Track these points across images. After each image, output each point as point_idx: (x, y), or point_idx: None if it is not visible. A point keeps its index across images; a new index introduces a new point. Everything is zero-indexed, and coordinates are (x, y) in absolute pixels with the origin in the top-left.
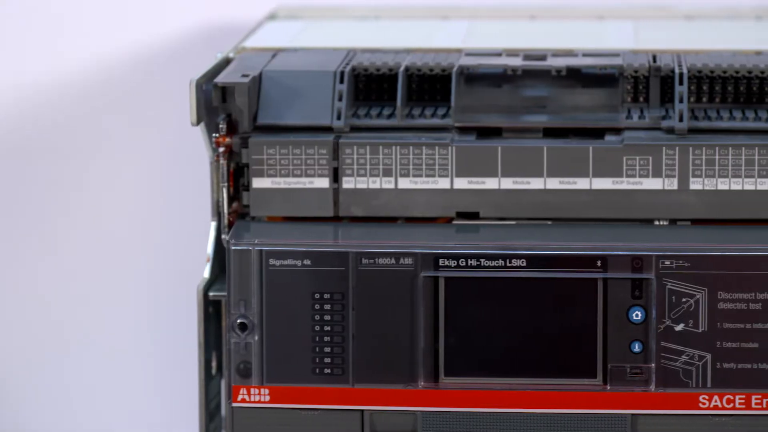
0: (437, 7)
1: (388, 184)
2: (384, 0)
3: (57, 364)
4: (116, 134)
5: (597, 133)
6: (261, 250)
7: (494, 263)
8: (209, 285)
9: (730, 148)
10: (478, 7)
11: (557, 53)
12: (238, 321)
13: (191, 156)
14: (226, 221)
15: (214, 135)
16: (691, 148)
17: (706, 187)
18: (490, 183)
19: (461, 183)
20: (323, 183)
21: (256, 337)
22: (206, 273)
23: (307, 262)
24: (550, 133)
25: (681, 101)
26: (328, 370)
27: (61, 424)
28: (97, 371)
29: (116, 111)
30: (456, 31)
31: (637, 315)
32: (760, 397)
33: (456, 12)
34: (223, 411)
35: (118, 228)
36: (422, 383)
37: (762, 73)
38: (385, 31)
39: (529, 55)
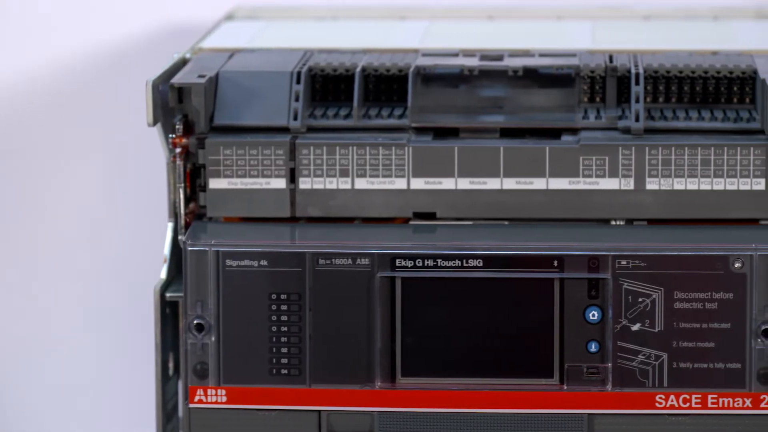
0: (395, 7)
1: (344, 184)
2: (342, 0)
3: (13, 364)
4: (72, 135)
5: (553, 134)
6: (218, 251)
7: (451, 263)
8: (166, 286)
9: (686, 148)
10: (436, 7)
11: (514, 53)
12: (195, 322)
13: (148, 157)
14: (182, 222)
15: (170, 136)
16: (647, 148)
17: (663, 187)
18: (447, 183)
19: (418, 183)
20: (280, 183)
21: (213, 338)
22: (163, 274)
23: (263, 262)
24: (506, 133)
25: (637, 101)
26: (285, 371)
27: (17, 425)
28: (54, 372)
29: (72, 111)
30: (413, 32)
31: (593, 315)
32: (716, 396)
33: (414, 12)
34: (180, 412)
35: (75, 229)
36: (379, 383)
37: (718, 73)
38: (343, 32)
39: (485, 56)
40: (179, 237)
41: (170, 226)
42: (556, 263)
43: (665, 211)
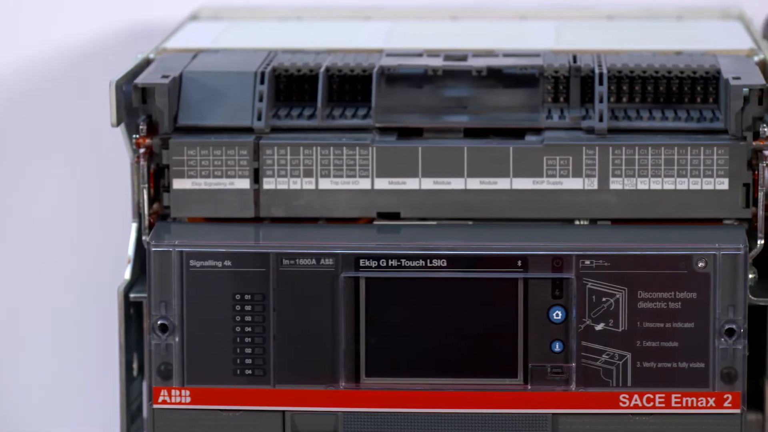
0: (359, 7)
1: (308, 184)
2: (306, 1)
3: None
4: (36, 135)
5: (517, 134)
6: (181, 251)
7: (415, 263)
8: (130, 286)
9: (650, 148)
10: (400, 7)
11: (478, 53)
12: (159, 322)
13: (112, 157)
14: (146, 222)
15: (134, 136)
16: (611, 148)
17: (626, 187)
18: (411, 183)
19: (382, 183)
20: (244, 184)
21: (177, 339)
22: (127, 274)
23: (227, 263)
24: (470, 133)
25: (601, 101)
26: (249, 371)
27: None
28: (18, 372)
29: (36, 112)
30: (378, 32)
31: (557, 315)
32: (679, 395)
33: (378, 13)
34: (145, 412)
35: (39, 229)
36: (343, 384)
37: (681, 73)
38: (307, 32)
39: (449, 56)
40: (143, 237)
41: (134, 226)
42: (519, 263)
43: (629, 211)
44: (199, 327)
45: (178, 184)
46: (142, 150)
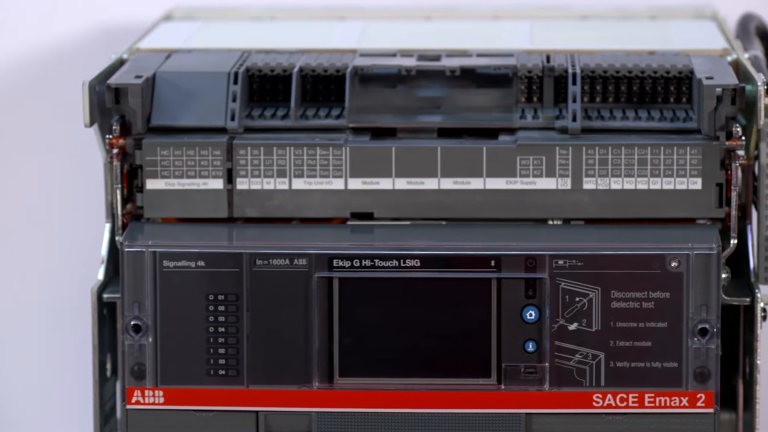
0: (333, 7)
1: (282, 185)
2: (280, 1)
3: None
4: (10, 135)
5: (491, 133)
6: (155, 252)
7: (388, 263)
8: (103, 287)
9: (623, 148)
10: (374, 7)
11: (451, 54)
12: (132, 323)
13: (85, 157)
14: (120, 223)
15: (107, 136)
16: (584, 148)
17: (600, 187)
18: (384, 183)
19: (355, 183)
20: (217, 184)
21: (150, 339)
22: (100, 275)
23: (201, 263)
24: (444, 133)
25: (574, 101)
26: (223, 372)
27: None
28: None
29: (10, 112)
30: (351, 32)
31: (530, 314)
32: (653, 395)
33: (352, 13)
34: (119, 413)
35: (13, 229)
36: (317, 384)
37: (655, 72)
38: (281, 32)
39: (423, 56)
40: (117, 238)
41: (108, 227)
42: (493, 263)
43: (602, 211)
44: (173, 327)
45: (151, 184)
46: (115, 150)
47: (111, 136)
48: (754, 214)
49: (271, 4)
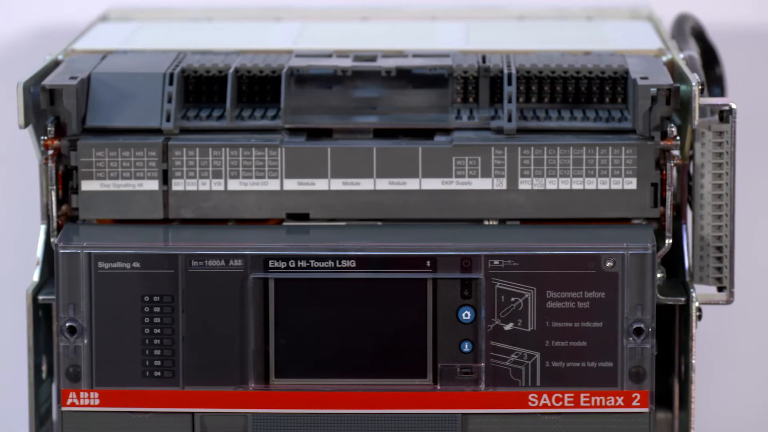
0: (270, 8)
1: (217, 185)
2: (217, 1)
3: None
4: None
5: (427, 134)
6: (90, 253)
7: (324, 264)
8: (39, 288)
9: (559, 148)
10: (311, 8)
11: (388, 54)
12: (67, 324)
13: (20, 159)
14: (55, 224)
15: (42, 138)
16: (519, 148)
17: (535, 187)
18: (320, 184)
19: (291, 184)
20: (153, 185)
21: (86, 341)
22: (35, 276)
23: (136, 264)
24: (380, 133)
25: (510, 101)
26: (159, 373)
27: None
28: None
29: None
30: (288, 33)
31: (466, 315)
32: (588, 395)
33: (289, 13)
34: (54, 415)
35: None
36: (253, 385)
37: (590, 73)
38: (217, 33)
39: (359, 56)
40: (52, 239)
41: (43, 228)
42: (428, 263)
43: (538, 211)
44: (108, 329)
45: (86, 185)
46: (50, 152)
47: (46, 138)
48: (689, 213)
49: (208, 5)
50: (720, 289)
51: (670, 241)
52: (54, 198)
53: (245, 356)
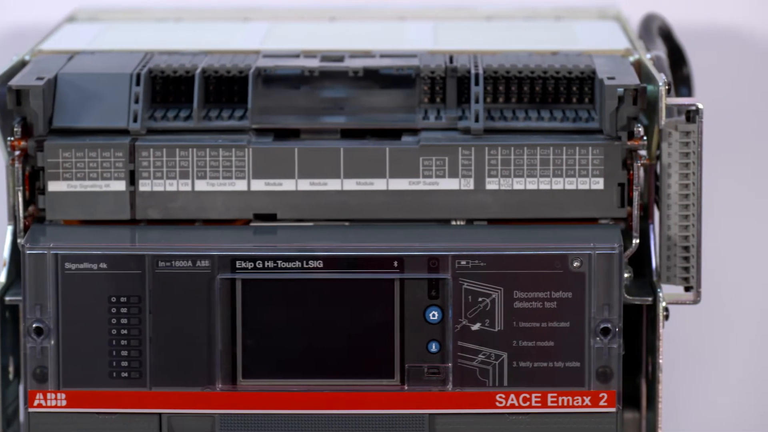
0: (238, 8)
1: (185, 186)
2: (185, 2)
3: None
4: None
5: (394, 134)
6: (56, 254)
7: (291, 265)
8: (5, 289)
9: (526, 148)
10: (279, 8)
11: (355, 54)
12: (34, 325)
13: None
14: (22, 225)
15: (9, 138)
16: (487, 149)
17: (502, 187)
18: (287, 185)
19: (258, 185)
20: (120, 186)
21: (53, 342)
22: (2, 277)
23: (103, 265)
24: (347, 134)
25: (477, 102)
26: (126, 374)
27: None
28: None
29: None
30: (256, 33)
31: (433, 315)
32: (555, 395)
33: (256, 14)
34: (21, 416)
35: None
36: (220, 386)
37: (557, 73)
38: (185, 33)
39: (326, 57)
40: (18, 240)
41: (9, 229)
42: (396, 264)
43: (505, 211)
44: (75, 330)
45: (53, 186)
46: (17, 152)
47: (12, 138)
48: (657, 213)
49: (176, 5)
50: (687, 289)
51: (637, 241)
52: (21, 199)
53: (212, 357)
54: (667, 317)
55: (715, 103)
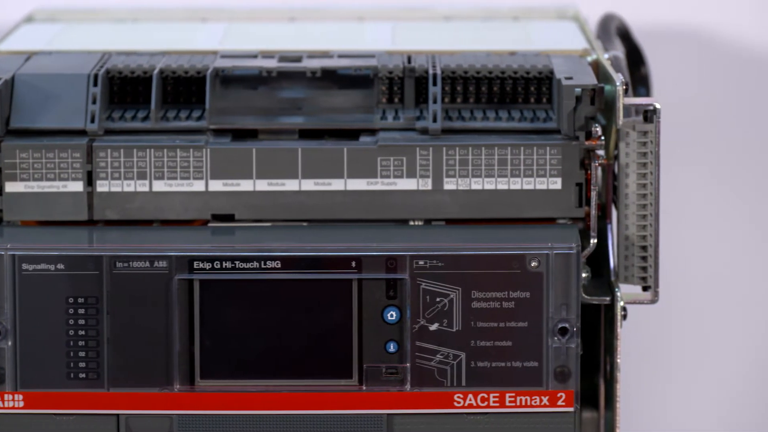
0: (196, 8)
1: (142, 186)
2: (143, 2)
3: None
4: None
5: (352, 134)
6: (14, 255)
7: (249, 265)
8: None
9: (484, 148)
10: (238, 8)
11: (313, 55)
12: None
13: None
14: None
15: None
16: (444, 149)
17: (460, 187)
18: (245, 185)
19: (216, 185)
20: (77, 187)
21: (10, 343)
22: None
23: (60, 266)
24: (305, 134)
25: (435, 102)
26: (83, 375)
27: None
28: None
29: None
30: (214, 33)
31: (391, 315)
32: (513, 394)
33: (215, 14)
34: None
35: None
36: (178, 386)
37: (515, 73)
38: (143, 34)
39: (284, 57)
40: None
41: None
42: (354, 264)
43: (463, 211)
44: (32, 331)
45: (10, 187)
46: None
47: None
48: (614, 213)
49: (134, 5)
50: (645, 289)
51: (595, 240)
52: None
53: (170, 358)
54: (625, 317)
55: (672, 102)
